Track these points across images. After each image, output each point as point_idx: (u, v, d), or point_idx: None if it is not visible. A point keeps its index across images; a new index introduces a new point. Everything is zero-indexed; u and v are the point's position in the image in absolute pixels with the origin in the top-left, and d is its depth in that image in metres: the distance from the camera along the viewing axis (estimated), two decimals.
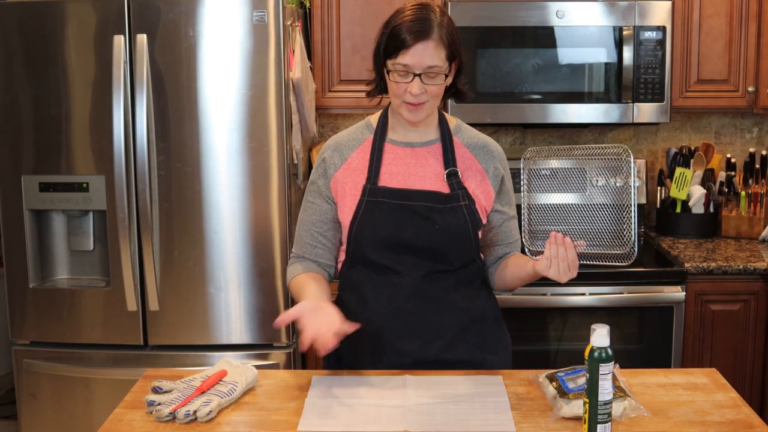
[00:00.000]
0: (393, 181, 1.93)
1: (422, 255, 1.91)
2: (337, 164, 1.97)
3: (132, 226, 2.80)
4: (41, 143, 2.83)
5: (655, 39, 3.05)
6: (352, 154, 1.97)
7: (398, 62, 1.83)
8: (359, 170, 1.95)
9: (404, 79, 1.85)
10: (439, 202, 1.91)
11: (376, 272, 1.94)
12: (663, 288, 2.87)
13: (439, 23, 1.84)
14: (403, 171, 1.95)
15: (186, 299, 2.84)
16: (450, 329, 1.94)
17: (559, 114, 3.10)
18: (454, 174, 1.94)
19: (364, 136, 2.00)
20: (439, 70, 1.85)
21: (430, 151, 1.97)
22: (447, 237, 1.91)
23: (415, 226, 1.90)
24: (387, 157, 1.96)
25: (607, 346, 1.50)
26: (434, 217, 1.90)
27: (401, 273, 1.92)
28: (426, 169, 1.95)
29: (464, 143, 2.00)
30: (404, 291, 1.92)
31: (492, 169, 2.01)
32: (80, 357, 2.91)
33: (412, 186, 1.93)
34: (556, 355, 2.94)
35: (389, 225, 1.90)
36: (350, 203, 1.93)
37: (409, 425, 1.63)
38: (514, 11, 3.04)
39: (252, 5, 2.71)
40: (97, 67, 2.76)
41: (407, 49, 1.82)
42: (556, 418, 1.66)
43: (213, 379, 1.78)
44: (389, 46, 1.85)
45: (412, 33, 1.82)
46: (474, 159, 1.99)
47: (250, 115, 2.76)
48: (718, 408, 1.72)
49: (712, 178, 3.35)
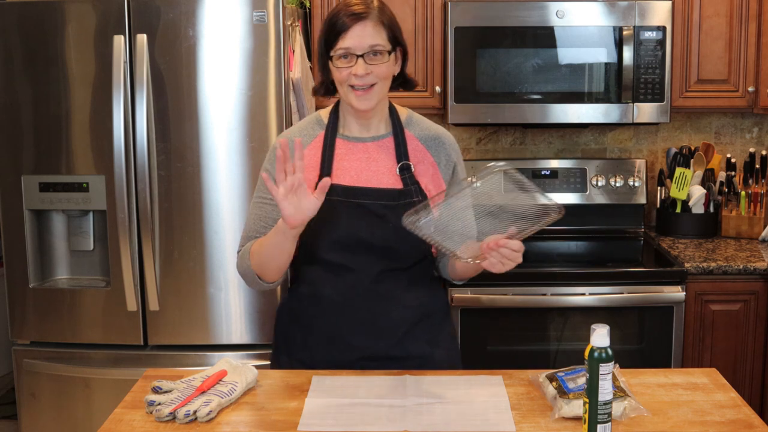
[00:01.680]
0: (346, 178, 1.92)
1: (376, 253, 1.91)
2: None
3: (132, 226, 2.80)
4: (41, 143, 2.83)
5: (655, 39, 3.05)
6: (304, 151, 1.93)
7: (339, 47, 1.83)
8: (312, 167, 1.92)
9: (347, 63, 1.84)
10: (393, 200, 1.90)
11: (330, 269, 1.93)
12: (663, 288, 2.87)
13: (379, 8, 1.86)
14: (356, 167, 1.93)
15: (186, 299, 2.84)
16: (401, 326, 1.95)
17: (559, 114, 3.10)
18: (406, 168, 1.93)
19: (316, 132, 1.97)
20: (382, 48, 1.84)
21: (382, 145, 1.96)
22: (401, 235, 1.87)
23: (370, 225, 1.89)
24: (339, 153, 1.94)
25: (607, 346, 1.50)
26: (388, 215, 1.89)
27: (355, 271, 1.91)
28: (378, 164, 1.94)
29: (416, 136, 1.99)
30: (358, 289, 1.92)
31: (444, 160, 2.00)
32: (80, 357, 2.91)
33: (366, 182, 1.92)
34: (556, 355, 2.94)
35: (344, 224, 1.89)
36: None
37: (409, 425, 1.63)
38: (514, 11, 3.04)
39: (252, 5, 2.71)
40: (97, 67, 2.76)
41: (346, 31, 1.82)
42: (556, 418, 1.66)
43: (213, 379, 1.78)
44: (329, 36, 1.85)
45: (349, 16, 1.82)
46: (426, 152, 1.98)
47: (250, 115, 2.76)
48: (718, 408, 1.72)
49: (712, 178, 3.35)
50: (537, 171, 3.42)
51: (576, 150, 3.55)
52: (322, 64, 1.91)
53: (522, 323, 2.93)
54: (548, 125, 3.35)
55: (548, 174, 3.43)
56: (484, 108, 3.09)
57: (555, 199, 2.02)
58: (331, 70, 1.87)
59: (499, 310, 2.88)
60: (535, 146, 3.55)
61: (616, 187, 3.42)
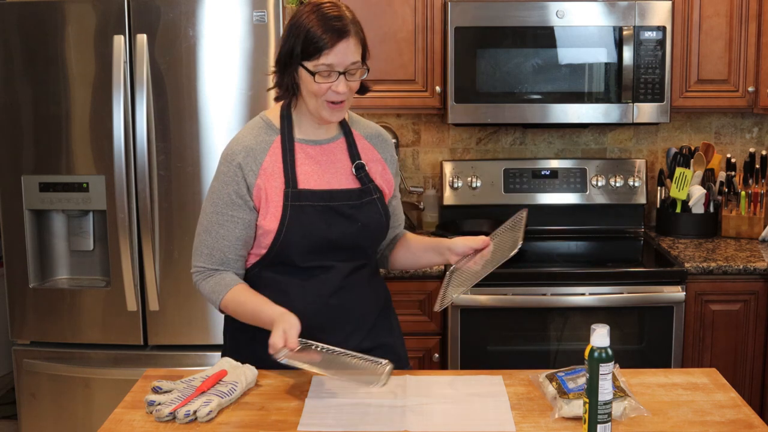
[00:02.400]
0: (311, 183, 1.91)
1: (346, 252, 1.94)
2: (254, 170, 1.89)
3: (132, 226, 2.80)
4: (41, 143, 2.83)
5: (655, 39, 3.05)
6: (265, 159, 1.90)
7: (321, 63, 1.81)
8: (275, 175, 1.90)
9: (328, 80, 1.83)
10: (356, 199, 1.93)
11: (299, 272, 1.92)
12: (663, 288, 2.87)
13: (352, 20, 1.85)
14: (317, 170, 1.93)
15: (186, 299, 2.84)
16: (367, 318, 2.00)
17: (559, 114, 3.10)
18: (361, 167, 1.96)
19: (271, 138, 1.93)
20: (358, 65, 1.85)
21: (336, 146, 1.97)
22: (368, 232, 1.96)
23: (341, 226, 1.91)
24: (299, 158, 1.93)
25: (607, 346, 1.50)
26: (355, 214, 1.92)
27: (328, 270, 1.93)
28: (336, 165, 1.95)
29: (362, 135, 2.02)
30: (330, 287, 1.93)
31: (389, 156, 2.04)
32: (80, 357, 2.91)
33: (329, 185, 1.93)
34: (556, 355, 2.94)
35: (317, 228, 1.89)
36: (273, 210, 1.88)
37: (409, 425, 1.63)
38: (514, 11, 3.04)
39: (252, 5, 2.71)
40: (97, 67, 2.76)
41: (330, 49, 1.80)
42: (556, 418, 1.66)
43: (213, 379, 1.78)
44: (308, 49, 1.81)
45: (332, 32, 1.80)
46: (373, 149, 2.02)
47: (250, 115, 2.75)
48: (718, 408, 1.72)
49: (712, 178, 3.35)
50: (537, 171, 3.42)
51: (576, 150, 3.55)
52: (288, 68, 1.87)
53: (522, 323, 2.93)
54: (548, 125, 3.35)
55: (548, 174, 3.43)
56: (484, 108, 3.09)
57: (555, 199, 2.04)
58: (304, 79, 1.84)
59: (499, 310, 2.88)
60: (535, 146, 3.55)
61: (616, 187, 3.41)
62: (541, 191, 3.42)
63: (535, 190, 3.42)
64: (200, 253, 1.93)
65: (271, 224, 1.88)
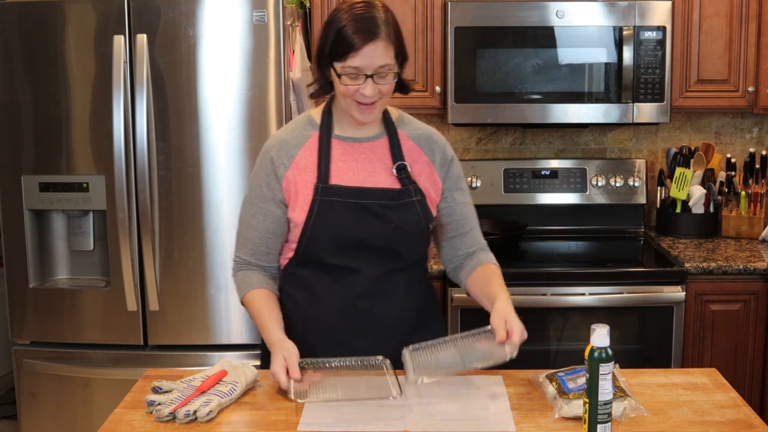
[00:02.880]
0: (344, 179, 1.90)
1: (377, 254, 1.90)
2: (285, 164, 1.91)
3: (132, 226, 2.80)
4: (41, 143, 2.83)
5: (655, 39, 3.05)
6: (298, 153, 1.92)
7: (348, 65, 1.79)
8: (308, 169, 1.90)
9: (355, 82, 1.81)
10: (393, 199, 1.89)
11: (329, 271, 1.92)
12: (663, 288, 2.87)
13: (384, 20, 1.80)
14: (353, 167, 1.91)
15: (186, 299, 2.84)
16: (400, 327, 1.94)
17: (559, 114, 3.10)
18: (403, 168, 1.92)
19: (308, 133, 1.94)
20: (390, 68, 1.82)
21: (377, 145, 1.94)
22: (401, 234, 1.89)
23: (371, 225, 1.88)
24: (335, 154, 1.92)
25: (607, 346, 1.50)
26: (389, 214, 1.88)
27: (356, 272, 1.90)
28: (375, 165, 1.92)
29: (409, 135, 1.97)
30: (358, 290, 1.91)
31: (438, 158, 1.98)
32: (80, 357, 2.91)
33: (364, 183, 1.90)
34: (556, 355, 2.94)
35: (345, 225, 1.87)
36: (302, 203, 1.89)
37: (409, 425, 1.63)
38: (514, 11, 3.04)
39: (252, 5, 2.71)
40: (97, 67, 2.76)
41: (356, 51, 1.77)
42: (556, 418, 1.66)
43: (213, 379, 1.78)
44: (336, 49, 1.80)
45: (361, 34, 1.77)
46: (420, 151, 1.96)
47: (250, 115, 2.76)
48: (718, 408, 1.72)
49: (712, 178, 3.35)
50: (537, 171, 3.42)
51: (576, 150, 3.55)
52: (321, 65, 1.87)
53: (522, 323, 2.92)
54: (548, 125, 3.35)
55: (548, 174, 3.43)
56: (484, 108, 3.09)
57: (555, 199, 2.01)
58: (334, 79, 1.84)
59: None
60: (535, 146, 3.55)
61: (616, 187, 3.41)
62: (541, 191, 3.42)
63: (535, 190, 3.42)
64: (237, 243, 1.99)
65: (299, 217, 1.89)
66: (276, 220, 1.92)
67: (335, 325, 1.93)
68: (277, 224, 1.93)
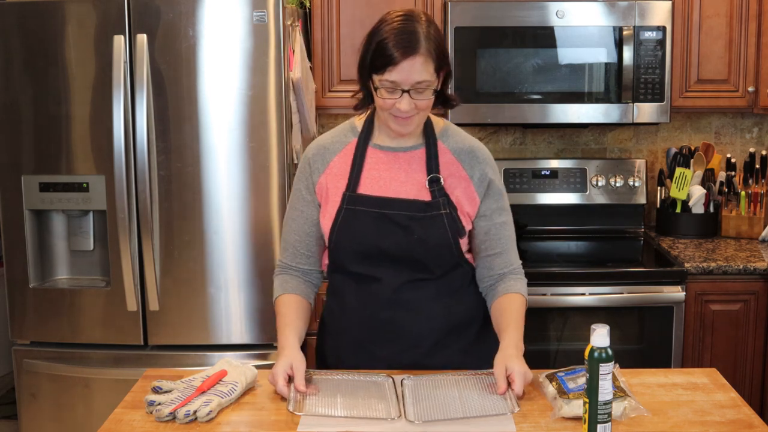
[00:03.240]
0: (373, 188, 1.89)
1: (401, 264, 1.89)
2: (320, 169, 1.93)
3: (132, 226, 2.80)
4: (41, 143, 2.83)
5: (655, 39, 3.05)
6: (334, 159, 1.92)
7: (385, 78, 1.77)
8: (340, 175, 1.91)
9: (392, 96, 1.79)
10: (419, 211, 1.87)
11: (354, 279, 1.92)
12: (663, 288, 2.87)
13: (426, 35, 1.77)
14: (385, 177, 1.90)
15: (186, 299, 2.84)
16: (428, 337, 1.92)
17: (559, 114, 3.10)
18: (436, 181, 1.89)
19: (348, 139, 1.94)
20: (428, 84, 1.79)
21: (414, 156, 1.92)
22: (425, 247, 1.87)
23: (394, 236, 1.87)
24: (369, 162, 1.91)
25: (607, 346, 1.50)
26: (413, 226, 1.86)
27: (379, 281, 1.90)
28: (408, 175, 1.90)
29: (449, 148, 1.94)
30: (380, 299, 1.90)
31: (477, 174, 1.93)
32: (80, 357, 2.91)
33: (393, 193, 1.89)
34: (556, 355, 2.94)
35: (367, 235, 1.87)
36: (331, 210, 1.90)
37: (409, 426, 1.63)
38: (514, 11, 3.04)
39: (252, 5, 2.71)
40: (97, 67, 2.76)
41: (394, 66, 1.75)
42: (556, 418, 1.66)
43: (213, 379, 1.78)
44: (375, 61, 1.78)
45: (399, 49, 1.75)
46: (459, 165, 1.93)
47: (250, 115, 2.76)
48: (718, 408, 1.72)
49: (712, 178, 3.35)
50: (537, 171, 3.42)
51: (576, 150, 3.55)
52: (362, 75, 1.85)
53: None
54: (548, 125, 3.35)
55: (548, 174, 3.43)
56: (484, 108, 3.09)
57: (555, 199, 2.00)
58: (373, 91, 1.83)
59: None
60: (535, 146, 3.55)
61: (616, 187, 3.41)
62: (541, 191, 3.42)
63: (535, 190, 3.42)
64: (280, 248, 2.01)
65: (327, 224, 1.91)
66: (315, 222, 1.94)
67: (359, 334, 1.93)
68: (317, 227, 1.94)
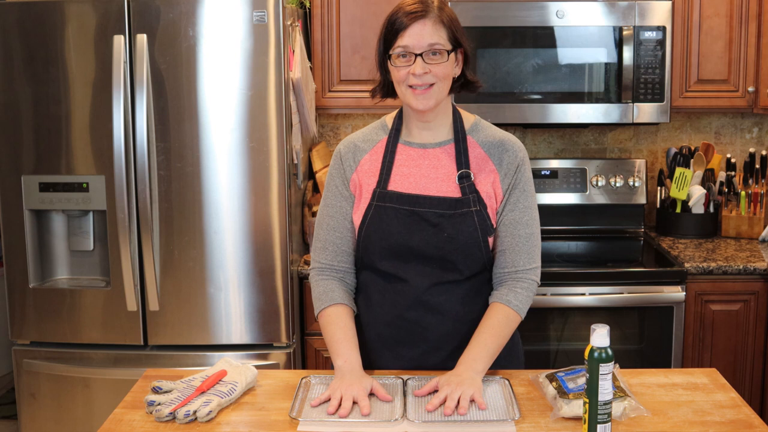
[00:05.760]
0: (404, 185, 1.88)
1: (430, 263, 1.87)
2: (352, 166, 1.93)
3: (132, 226, 2.80)
4: (41, 143, 2.83)
5: (655, 39, 3.05)
6: (365, 156, 1.93)
7: (398, 45, 1.81)
8: (371, 173, 1.91)
9: (406, 63, 1.81)
10: (449, 208, 1.85)
11: (382, 277, 1.91)
12: (663, 288, 2.87)
13: (438, 6, 1.83)
14: (415, 173, 1.90)
15: (186, 299, 2.84)
16: (452, 340, 1.90)
17: (559, 114, 3.10)
18: (466, 176, 1.87)
19: (379, 137, 1.95)
20: (441, 47, 1.80)
21: (444, 151, 1.91)
22: (456, 245, 1.85)
23: (423, 234, 1.85)
24: (399, 159, 1.91)
25: (607, 346, 1.50)
26: (443, 224, 1.85)
27: (406, 281, 1.88)
28: (438, 171, 1.89)
29: (479, 143, 1.92)
30: (407, 300, 1.89)
31: (506, 164, 1.90)
32: (80, 357, 2.91)
33: (423, 190, 1.88)
34: (556, 355, 2.94)
35: (397, 232, 1.86)
36: (362, 206, 1.90)
37: (409, 425, 1.63)
38: (514, 11, 3.04)
39: (252, 5, 2.71)
40: (97, 67, 2.76)
41: (404, 30, 1.80)
42: (556, 418, 1.66)
43: (213, 379, 1.78)
44: (388, 35, 1.83)
45: (409, 15, 1.80)
46: (488, 159, 1.91)
47: (250, 115, 2.76)
48: (718, 408, 1.72)
49: (712, 178, 3.35)
50: (537, 171, 3.42)
51: (576, 150, 3.55)
52: (380, 64, 1.89)
53: (522, 323, 2.92)
54: (548, 125, 3.35)
55: (548, 174, 3.43)
56: (484, 108, 3.09)
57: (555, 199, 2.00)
58: (390, 69, 1.85)
59: None
60: (535, 146, 3.55)
61: (616, 187, 3.42)
62: (541, 191, 3.42)
63: (535, 190, 3.42)
64: (315, 248, 1.97)
65: (357, 220, 1.91)
66: (352, 218, 1.94)
67: (385, 333, 1.92)
68: (353, 223, 1.94)
